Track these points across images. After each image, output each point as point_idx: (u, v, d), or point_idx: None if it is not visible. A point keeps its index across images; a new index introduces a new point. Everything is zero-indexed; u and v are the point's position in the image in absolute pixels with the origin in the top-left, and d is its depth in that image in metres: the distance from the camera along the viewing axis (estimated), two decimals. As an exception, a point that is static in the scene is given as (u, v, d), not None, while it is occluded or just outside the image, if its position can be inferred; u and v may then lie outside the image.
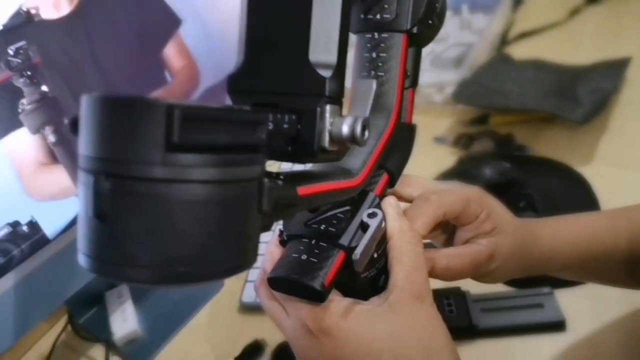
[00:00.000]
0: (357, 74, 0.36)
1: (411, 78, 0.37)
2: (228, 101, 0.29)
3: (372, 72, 0.36)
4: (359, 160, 0.34)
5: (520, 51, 1.18)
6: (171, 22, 0.70)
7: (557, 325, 0.61)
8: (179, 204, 0.19)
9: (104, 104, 0.19)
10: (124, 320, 0.70)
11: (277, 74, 0.27)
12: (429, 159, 0.91)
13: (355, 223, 0.32)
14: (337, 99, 0.28)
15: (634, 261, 0.46)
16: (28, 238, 0.55)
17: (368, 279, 0.33)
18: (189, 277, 0.20)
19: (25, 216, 0.55)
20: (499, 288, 0.67)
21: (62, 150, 0.53)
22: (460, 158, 0.90)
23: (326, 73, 0.27)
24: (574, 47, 1.18)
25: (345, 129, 0.27)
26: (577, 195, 0.78)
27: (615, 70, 0.97)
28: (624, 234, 0.47)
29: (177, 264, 0.20)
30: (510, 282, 0.68)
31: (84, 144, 0.20)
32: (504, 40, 1.27)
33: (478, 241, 0.40)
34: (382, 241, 0.33)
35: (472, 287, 0.65)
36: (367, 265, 0.32)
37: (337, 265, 0.31)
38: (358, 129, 0.27)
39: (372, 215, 0.32)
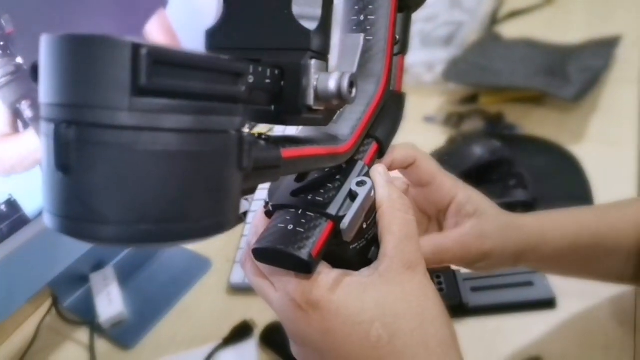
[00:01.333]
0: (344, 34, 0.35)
1: (400, 44, 0.36)
2: None
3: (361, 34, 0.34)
4: (347, 127, 0.33)
5: (510, 30, 1.17)
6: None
7: (547, 303, 0.61)
8: (149, 154, 0.18)
9: (63, 43, 0.17)
10: (110, 303, 0.69)
11: (259, 28, 0.26)
12: (418, 139, 0.89)
13: (344, 192, 0.31)
14: (322, 54, 0.26)
15: None
16: (7, 218, 0.53)
17: (357, 250, 0.32)
18: (160, 236, 0.18)
19: (3, 195, 0.53)
20: (490, 266, 0.67)
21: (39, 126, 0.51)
22: (450, 137, 0.89)
23: (311, 26, 0.25)
24: (564, 26, 1.18)
25: (331, 85, 0.25)
26: (567, 174, 0.78)
27: (605, 49, 0.97)
28: (631, 226, 0.46)
29: (147, 221, 0.18)
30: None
31: (44, 91, 0.18)
32: (493, 19, 1.25)
33: (463, 224, 0.41)
34: (371, 211, 0.32)
35: (462, 265, 0.64)
36: (357, 236, 0.31)
37: (325, 235, 0.29)
38: (345, 84, 0.25)
39: (361, 184, 0.31)
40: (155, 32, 0.69)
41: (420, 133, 0.93)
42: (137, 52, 0.17)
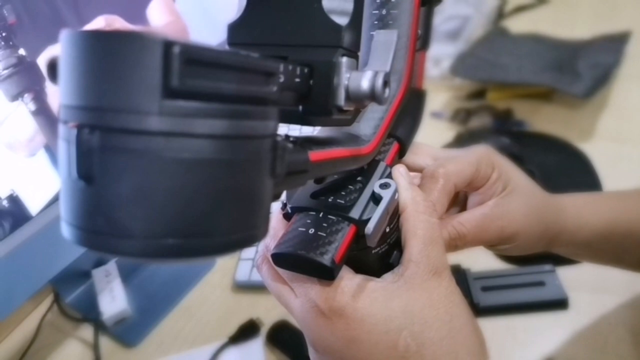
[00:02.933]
0: (365, 33, 0.33)
1: (422, 39, 0.34)
2: None
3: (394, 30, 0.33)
4: (369, 127, 0.31)
5: (516, 25, 1.16)
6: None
7: (559, 304, 0.59)
8: (180, 162, 0.16)
9: (87, 40, 0.16)
10: (113, 300, 0.68)
11: (285, 22, 0.24)
12: (426, 135, 0.87)
13: (367, 194, 0.30)
14: (353, 52, 0.25)
15: None
16: (9, 214, 0.52)
17: (379, 255, 0.31)
18: (189, 251, 0.17)
19: (5, 190, 0.51)
20: (500, 266, 0.66)
21: (43, 120, 0.49)
22: (458, 133, 0.88)
23: (341, 21, 0.23)
24: (570, 21, 1.16)
25: (364, 84, 0.24)
26: (577, 172, 0.77)
27: (615, 44, 0.96)
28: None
29: (175, 235, 0.16)
30: (511, 260, 0.67)
31: (65, 92, 0.16)
32: (500, 14, 1.24)
33: (486, 203, 0.38)
34: (394, 214, 0.31)
35: (472, 265, 0.63)
36: (379, 240, 0.30)
37: (348, 240, 0.28)
38: (379, 84, 0.23)
39: (384, 186, 0.30)
40: (157, 13, 0.68)
41: (427, 129, 0.91)
42: (168, 51, 0.15)
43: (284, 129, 0.21)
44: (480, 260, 0.39)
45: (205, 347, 0.63)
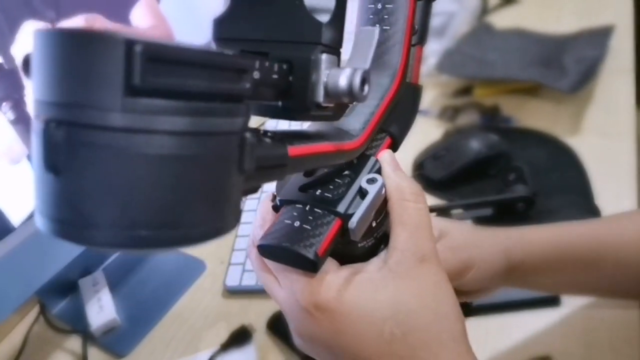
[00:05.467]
0: (359, 27, 0.33)
1: (419, 34, 0.33)
2: None
3: (377, 26, 0.32)
4: (359, 121, 0.31)
5: (501, 20, 1.16)
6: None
7: (551, 300, 0.60)
8: (143, 157, 0.17)
9: (54, 38, 0.16)
10: (101, 309, 0.67)
11: (268, 18, 0.24)
12: (413, 133, 0.88)
13: (354, 189, 0.30)
14: (334, 49, 0.25)
15: None
16: (-10, 227, 0.50)
17: (366, 249, 0.31)
18: (154, 242, 0.18)
19: (-14, 203, 0.50)
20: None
21: (22, 129, 0.48)
22: (446, 131, 0.88)
23: (323, 18, 0.24)
24: (555, 15, 1.16)
25: (342, 82, 0.24)
26: (565, 167, 0.77)
27: (599, 38, 0.96)
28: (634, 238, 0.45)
29: (140, 226, 0.17)
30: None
31: (36, 87, 0.17)
32: (484, 9, 1.24)
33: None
34: (382, 209, 0.31)
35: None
36: (365, 235, 0.30)
37: (332, 234, 0.28)
38: (357, 81, 0.24)
39: (371, 181, 0.30)
40: (141, 16, 0.66)
41: (415, 127, 0.91)
42: (130, 49, 0.16)
43: (284, 125, 0.21)
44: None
45: (197, 355, 0.62)
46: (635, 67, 0.95)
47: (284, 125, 0.73)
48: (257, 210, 0.33)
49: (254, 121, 0.21)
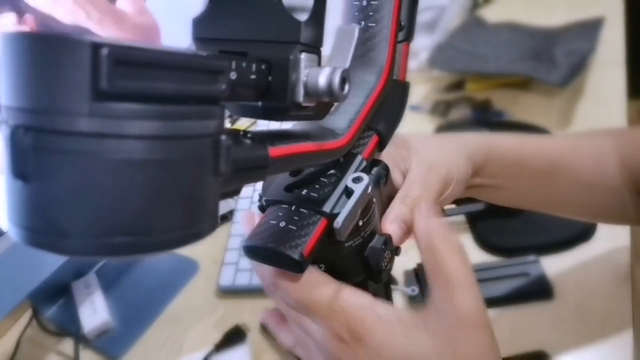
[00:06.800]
0: (347, 24, 0.33)
1: (406, 30, 0.33)
2: None
3: (362, 23, 0.32)
4: (344, 120, 0.31)
5: (492, 13, 1.16)
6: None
7: (544, 293, 0.60)
8: (112, 163, 0.16)
9: (18, 41, 0.16)
10: (94, 312, 0.66)
11: (247, 18, 0.24)
12: (406, 128, 0.87)
13: (340, 188, 0.30)
14: (314, 48, 0.24)
15: (634, 187, 0.43)
16: (-22, 231, 0.50)
17: (353, 248, 0.31)
18: (128, 249, 0.17)
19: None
20: (484, 258, 0.66)
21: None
22: (438, 126, 0.88)
23: (301, 17, 0.23)
24: (546, 8, 1.16)
25: (321, 81, 0.23)
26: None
27: (589, 31, 0.96)
28: (611, 158, 0.44)
29: (112, 234, 0.17)
30: (495, 252, 0.67)
31: (2, 92, 0.17)
32: (475, 3, 1.24)
33: (410, 170, 0.37)
34: (368, 208, 0.31)
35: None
36: (352, 234, 0.30)
37: (318, 234, 0.28)
38: (336, 81, 0.23)
39: (357, 180, 0.30)
40: (125, 5, 0.66)
41: (407, 123, 0.91)
42: (97, 52, 0.15)
43: (275, 125, 0.21)
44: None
45: (192, 356, 0.62)
46: (625, 59, 0.95)
47: (275, 125, 0.73)
48: (244, 213, 0.32)
49: (245, 122, 0.21)
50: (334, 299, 0.28)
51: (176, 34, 0.71)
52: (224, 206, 0.78)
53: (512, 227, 0.69)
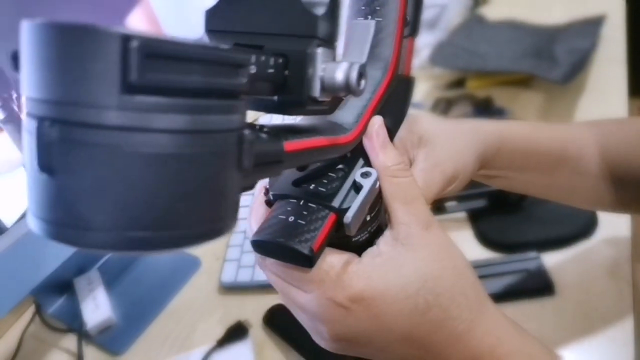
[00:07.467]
0: (351, 20, 0.33)
1: (411, 25, 0.33)
2: None
3: (369, 18, 0.32)
4: (352, 115, 0.31)
5: (493, 11, 1.16)
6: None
7: (545, 290, 0.60)
8: (140, 156, 0.16)
9: (45, 32, 0.16)
10: (96, 308, 0.66)
11: (262, 10, 0.24)
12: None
13: (348, 183, 0.30)
14: (330, 42, 0.24)
15: (612, 177, 0.45)
16: (-19, 227, 0.50)
17: (360, 244, 0.31)
18: (151, 244, 0.17)
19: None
20: (485, 255, 0.66)
21: (12, 128, 0.47)
22: (439, 123, 0.88)
23: (318, 10, 0.23)
24: (547, 6, 1.16)
25: (339, 76, 0.24)
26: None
27: (591, 28, 0.96)
28: (592, 145, 0.46)
29: (137, 228, 0.17)
30: (496, 248, 0.67)
31: (26, 84, 0.16)
32: (476, 1, 1.24)
33: (415, 161, 0.37)
34: (375, 203, 0.31)
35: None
36: (360, 229, 0.30)
37: (327, 229, 0.28)
38: (354, 76, 0.24)
39: (365, 175, 0.30)
40: (138, 23, 0.66)
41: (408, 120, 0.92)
42: (127, 45, 0.15)
43: (278, 119, 0.21)
44: (465, 251, 0.38)
45: (194, 352, 0.62)
46: (627, 56, 0.95)
47: (277, 119, 0.73)
48: (250, 206, 0.32)
49: (249, 116, 0.21)
50: (324, 266, 0.29)
51: (176, 31, 0.72)
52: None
53: (513, 224, 0.69)
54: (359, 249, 0.31)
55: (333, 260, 0.29)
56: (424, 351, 0.30)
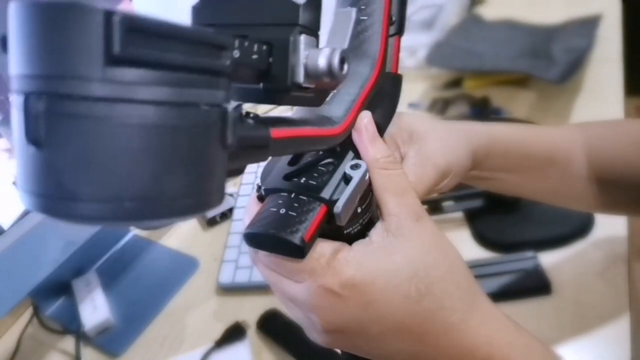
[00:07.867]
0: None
1: (397, 24, 0.34)
2: None
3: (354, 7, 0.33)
4: (341, 109, 0.32)
5: (489, 11, 1.16)
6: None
7: (542, 289, 0.60)
8: (124, 127, 0.17)
9: (31, 10, 0.16)
10: (95, 309, 0.66)
11: (245, 3, 0.25)
12: (404, 126, 0.88)
13: (338, 175, 0.31)
14: (312, 30, 0.25)
15: (600, 180, 0.46)
16: (-21, 229, 0.50)
17: (352, 236, 0.32)
18: (138, 214, 0.18)
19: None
20: (482, 255, 0.66)
21: (8, 130, 0.47)
22: (436, 123, 0.88)
23: (300, 0, 0.24)
24: (543, 5, 1.17)
25: (321, 62, 0.24)
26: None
27: (587, 28, 0.96)
28: (581, 148, 0.46)
29: (124, 198, 0.17)
30: (493, 248, 0.67)
31: (14, 62, 0.17)
32: (473, 1, 1.24)
33: (406, 157, 0.38)
34: (366, 194, 0.32)
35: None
36: (351, 220, 0.31)
37: (318, 219, 0.29)
38: (336, 60, 0.24)
39: (355, 167, 0.31)
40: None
41: (406, 120, 0.92)
42: (110, 19, 0.16)
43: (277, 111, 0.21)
44: (462, 251, 0.38)
45: (192, 353, 0.62)
46: (623, 56, 0.96)
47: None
48: (246, 205, 0.33)
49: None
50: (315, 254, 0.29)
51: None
52: (223, 204, 0.79)
53: (510, 223, 0.69)
54: (351, 241, 0.32)
55: (324, 248, 0.29)
56: (418, 343, 0.30)
